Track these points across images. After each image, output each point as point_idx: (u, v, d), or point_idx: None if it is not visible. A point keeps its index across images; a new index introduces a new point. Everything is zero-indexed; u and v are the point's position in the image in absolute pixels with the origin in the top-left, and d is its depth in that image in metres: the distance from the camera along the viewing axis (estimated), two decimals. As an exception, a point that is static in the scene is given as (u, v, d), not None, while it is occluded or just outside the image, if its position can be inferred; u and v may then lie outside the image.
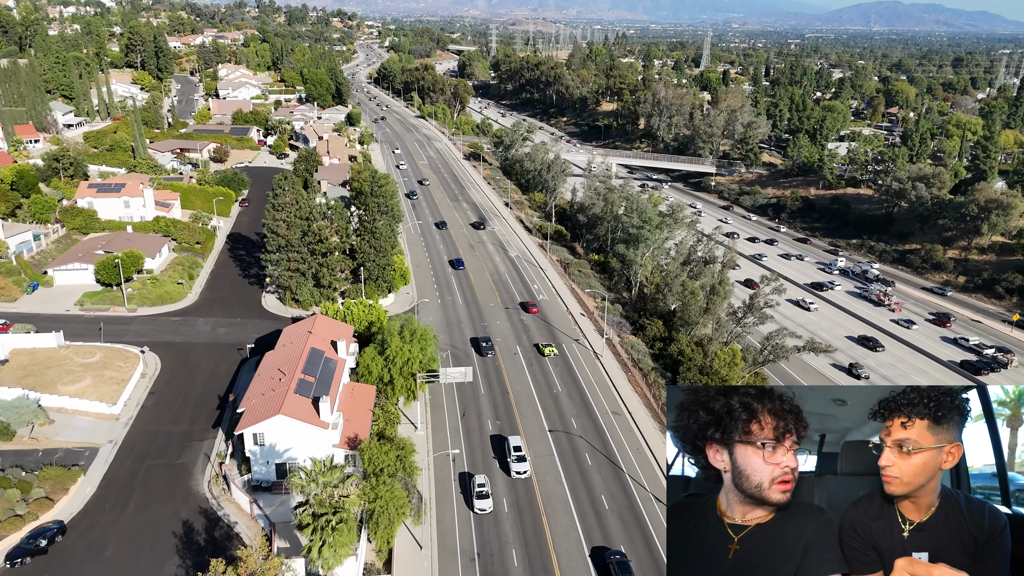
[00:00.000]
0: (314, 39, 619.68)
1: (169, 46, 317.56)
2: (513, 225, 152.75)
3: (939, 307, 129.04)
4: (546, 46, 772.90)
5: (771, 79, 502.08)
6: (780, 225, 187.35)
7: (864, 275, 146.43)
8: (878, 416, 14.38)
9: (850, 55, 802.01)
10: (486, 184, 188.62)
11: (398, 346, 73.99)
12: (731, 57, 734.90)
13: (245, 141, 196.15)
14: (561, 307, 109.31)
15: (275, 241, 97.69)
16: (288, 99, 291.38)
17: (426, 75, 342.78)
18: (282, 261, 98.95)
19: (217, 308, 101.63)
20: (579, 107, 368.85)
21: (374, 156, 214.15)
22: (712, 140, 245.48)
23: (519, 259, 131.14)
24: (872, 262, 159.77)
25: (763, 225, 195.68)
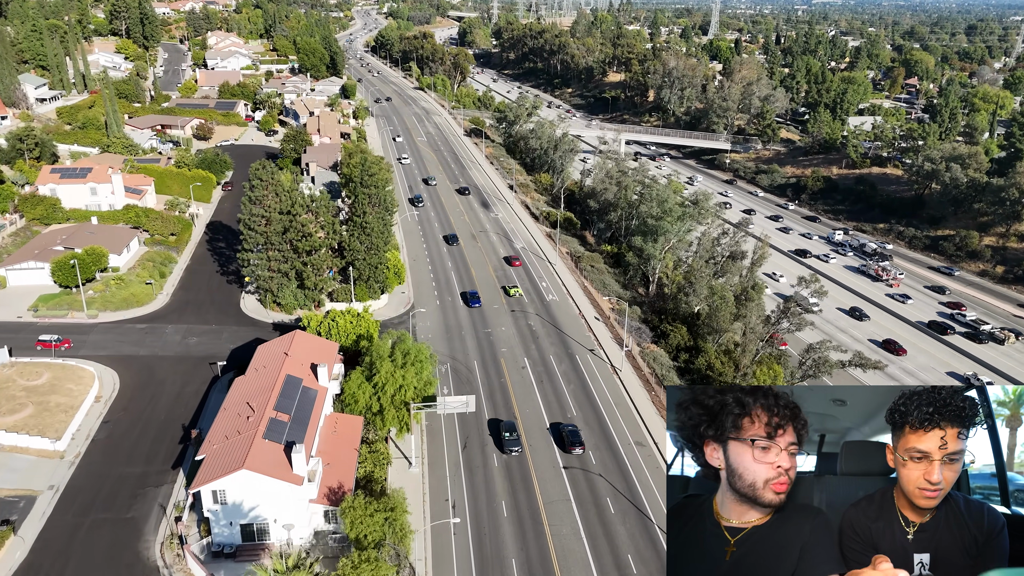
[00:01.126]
0: (310, 5, 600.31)
1: (155, 12, 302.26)
2: (518, 211, 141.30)
3: (950, 291, 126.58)
4: (549, 13, 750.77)
5: (782, 47, 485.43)
6: (788, 203, 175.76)
7: (862, 249, 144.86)
8: (901, 421, 13.73)
9: (860, 22, 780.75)
10: (488, 164, 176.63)
11: (389, 371, 63.52)
12: (739, 24, 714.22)
13: (231, 117, 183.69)
14: (572, 309, 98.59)
15: (252, 239, 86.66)
16: (280, 70, 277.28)
17: (425, 44, 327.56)
18: (261, 261, 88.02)
19: (190, 312, 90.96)
20: (585, 78, 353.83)
21: (369, 132, 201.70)
22: (727, 115, 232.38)
23: (525, 251, 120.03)
24: (891, 246, 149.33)
25: (769, 201, 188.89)
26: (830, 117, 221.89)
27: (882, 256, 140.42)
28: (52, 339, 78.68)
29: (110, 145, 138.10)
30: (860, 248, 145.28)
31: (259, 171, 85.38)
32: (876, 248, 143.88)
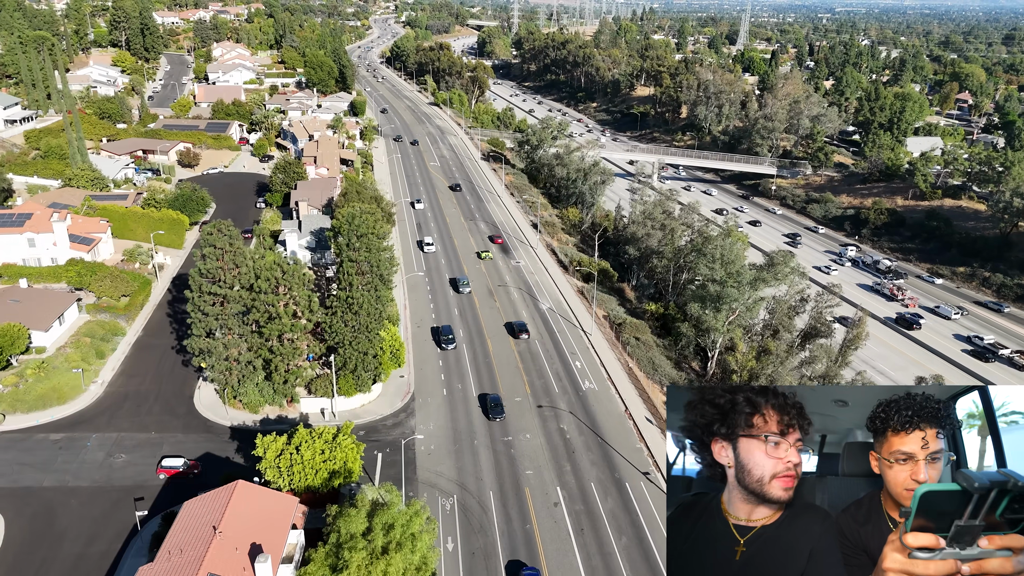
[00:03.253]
0: (327, 14, 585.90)
1: (156, 23, 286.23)
2: (543, 257, 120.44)
3: (995, 325, 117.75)
4: (570, 21, 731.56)
5: (816, 58, 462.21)
6: (846, 248, 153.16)
7: (875, 266, 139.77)
8: (883, 427, 14.09)
9: (892, 31, 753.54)
10: (508, 195, 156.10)
11: (362, 563, 42.82)
12: (767, 34, 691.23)
13: (223, 140, 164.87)
14: (616, 405, 77.33)
15: (203, 323, 66.49)
16: (286, 84, 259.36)
17: (441, 56, 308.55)
18: (216, 349, 67.84)
19: (126, 412, 70.94)
20: (611, 91, 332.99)
21: (377, 155, 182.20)
22: (772, 136, 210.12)
23: (552, 313, 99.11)
24: (987, 300, 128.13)
25: (788, 220, 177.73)
26: (890, 139, 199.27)
27: (897, 274, 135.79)
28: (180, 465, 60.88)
29: (72, 178, 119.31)
30: (873, 265, 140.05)
31: (213, 236, 65.20)
32: (890, 266, 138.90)
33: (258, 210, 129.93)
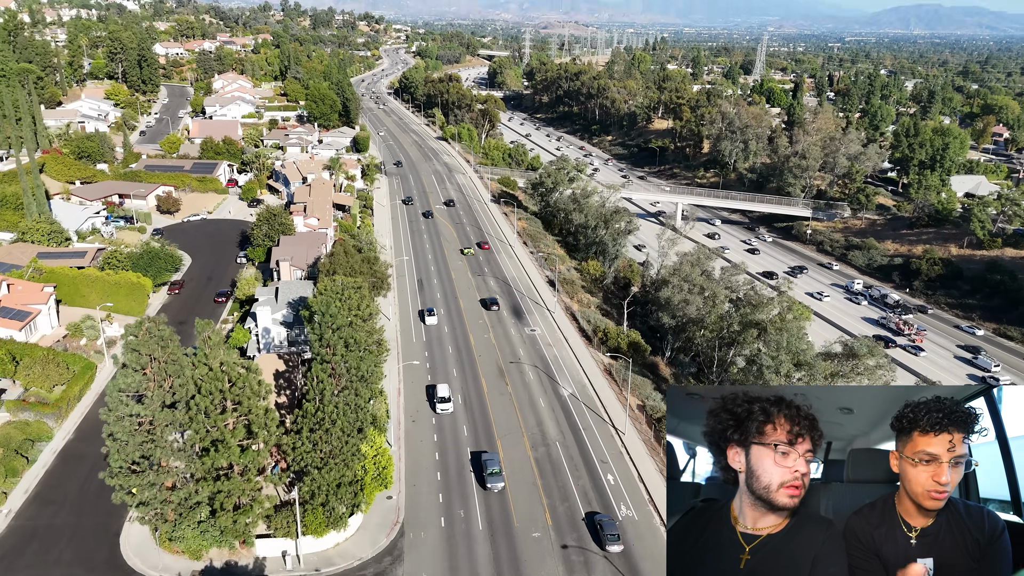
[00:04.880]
0: (337, 44, 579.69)
1: (154, 54, 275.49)
2: (562, 324, 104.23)
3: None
4: (582, 51, 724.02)
5: (836, 89, 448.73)
6: (899, 307, 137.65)
7: (883, 300, 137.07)
8: (910, 427, 14.00)
9: (910, 61, 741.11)
10: (521, 245, 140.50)
11: None
12: (782, 63, 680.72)
13: (208, 182, 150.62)
14: (661, 537, 60.57)
15: (123, 454, 50.36)
16: (286, 117, 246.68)
17: (451, 88, 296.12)
18: (143, 482, 51.68)
19: (28, 561, 54.78)
20: (627, 124, 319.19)
21: (379, 197, 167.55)
22: (805, 174, 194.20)
23: (575, 401, 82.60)
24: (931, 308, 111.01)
25: (796, 253, 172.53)
26: (939, 181, 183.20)
27: (905, 309, 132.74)
28: None
29: (25, 233, 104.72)
30: (881, 299, 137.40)
31: (139, 340, 49.28)
32: (898, 300, 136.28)
33: (239, 265, 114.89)
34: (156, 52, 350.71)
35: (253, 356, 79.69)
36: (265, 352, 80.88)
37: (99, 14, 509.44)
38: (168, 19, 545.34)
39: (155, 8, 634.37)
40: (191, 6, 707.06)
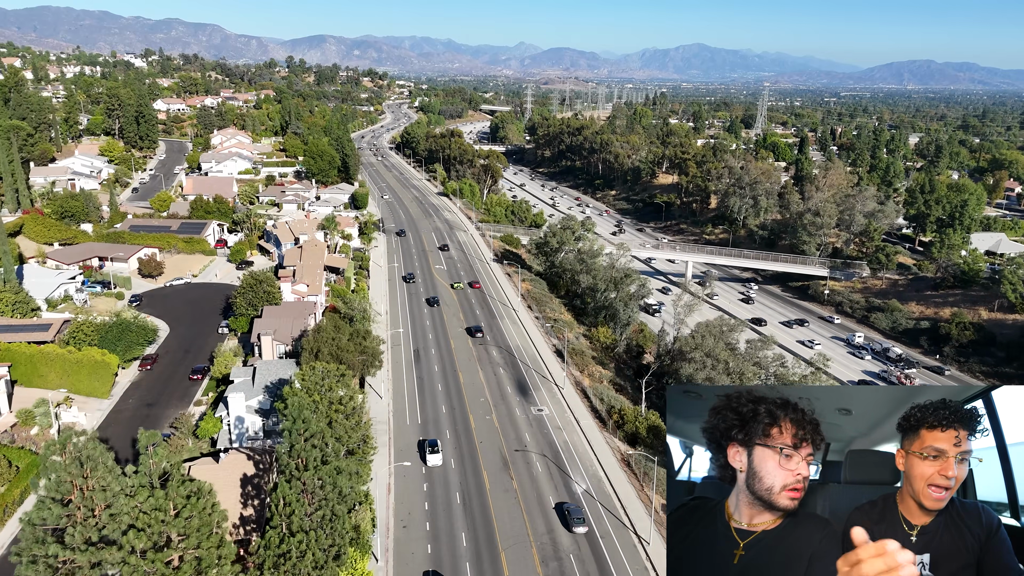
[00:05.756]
0: (341, 99, 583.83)
1: (152, 110, 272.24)
2: (571, 400, 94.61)
3: None
4: (583, 105, 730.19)
5: (838, 143, 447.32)
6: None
7: (885, 353, 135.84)
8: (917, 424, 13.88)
9: (908, 115, 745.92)
10: (526, 309, 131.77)
11: None
12: (782, 118, 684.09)
13: (196, 243, 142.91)
14: None
15: (37, 602, 40.45)
16: (284, 173, 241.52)
17: (452, 143, 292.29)
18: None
19: None
20: (631, 179, 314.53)
21: (376, 257, 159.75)
22: (820, 232, 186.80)
23: (590, 499, 72.45)
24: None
25: (795, 305, 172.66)
26: (960, 238, 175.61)
27: (908, 363, 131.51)
28: None
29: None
30: (883, 353, 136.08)
31: (56, 464, 39.91)
32: (900, 354, 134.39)
33: (221, 336, 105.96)
34: (157, 108, 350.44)
35: (224, 449, 70.08)
36: (238, 444, 71.30)
37: (103, 71, 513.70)
38: (173, 76, 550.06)
39: (162, 65, 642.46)
40: (197, 64, 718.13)
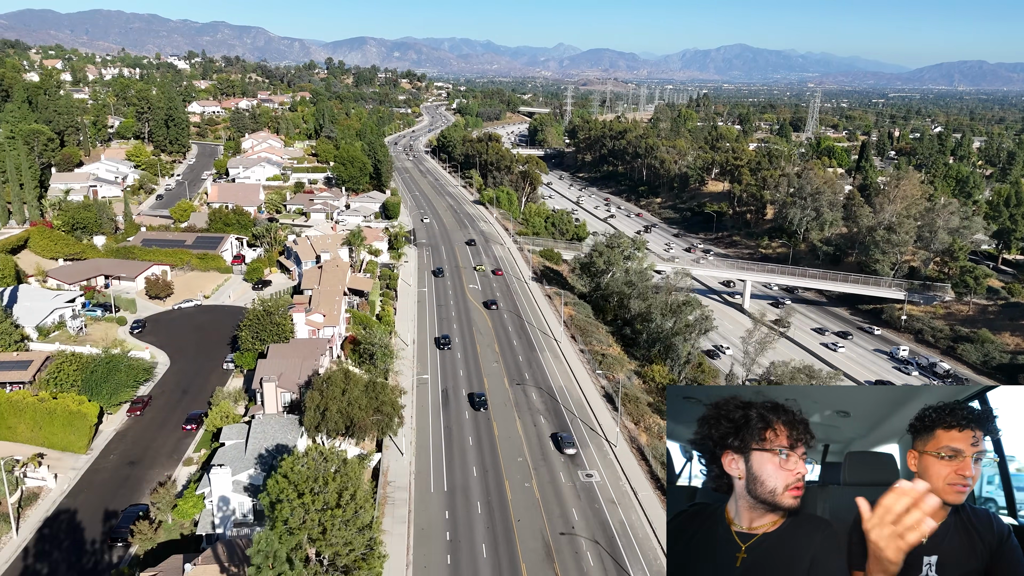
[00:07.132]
0: (379, 101, 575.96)
1: (183, 113, 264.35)
2: (627, 463, 79.69)
3: None
4: (624, 107, 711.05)
5: (896, 148, 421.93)
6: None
7: (932, 368, 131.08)
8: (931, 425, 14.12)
9: (966, 118, 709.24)
10: (568, 339, 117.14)
11: None
12: (832, 120, 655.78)
13: (211, 259, 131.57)
14: None
15: None
16: (313, 180, 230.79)
17: (489, 148, 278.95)
18: None
19: None
20: (678, 186, 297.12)
21: (405, 274, 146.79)
22: (896, 250, 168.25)
23: (656, 606, 57.65)
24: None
25: (838, 317, 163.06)
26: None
27: (957, 379, 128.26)
28: None
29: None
30: (930, 368, 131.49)
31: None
32: (948, 369, 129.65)
33: (226, 372, 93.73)
34: (191, 111, 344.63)
35: (202, 539, 57.05)
36: (223, 529, 58.15)
37: (143, 73, 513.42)
38: (213, 78, 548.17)
39: (204, 68, 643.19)
40: (239, 66, 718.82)
